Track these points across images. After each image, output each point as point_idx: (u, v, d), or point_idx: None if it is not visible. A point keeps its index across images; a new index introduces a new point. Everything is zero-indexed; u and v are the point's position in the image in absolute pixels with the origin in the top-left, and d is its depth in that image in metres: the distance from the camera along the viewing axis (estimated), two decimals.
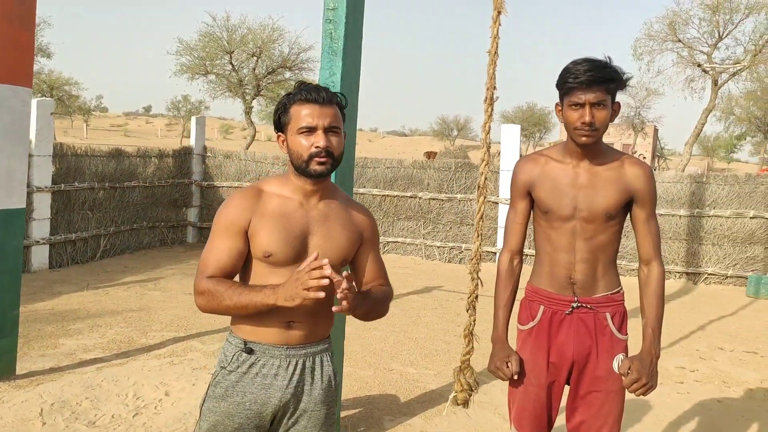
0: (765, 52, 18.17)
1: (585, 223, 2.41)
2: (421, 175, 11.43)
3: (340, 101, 2.08)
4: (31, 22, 4.53)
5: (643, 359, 2.34)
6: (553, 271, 2.48)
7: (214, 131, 76.97)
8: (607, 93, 2.28)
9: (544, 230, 2.51)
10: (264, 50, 21.28)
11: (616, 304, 2.48)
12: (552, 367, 2.48)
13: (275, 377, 2.04)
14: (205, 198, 11.98)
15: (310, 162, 1.99)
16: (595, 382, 2.44)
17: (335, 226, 2.09)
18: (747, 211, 9.97)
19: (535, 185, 2.49)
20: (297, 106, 2.01)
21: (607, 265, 2.46)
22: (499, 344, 2.56)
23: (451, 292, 8.76)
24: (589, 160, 2.41)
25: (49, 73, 40.88)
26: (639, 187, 2.40)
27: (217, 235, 2.03)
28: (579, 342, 2.44)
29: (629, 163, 2.43)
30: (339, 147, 2.03)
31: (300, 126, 1.99)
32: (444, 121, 71.07)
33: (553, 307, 2.48)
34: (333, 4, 3.50)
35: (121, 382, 4.72)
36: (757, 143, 49.38)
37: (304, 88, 2.03)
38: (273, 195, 2.07)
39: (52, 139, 8.86)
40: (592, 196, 2.39)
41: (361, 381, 5.06)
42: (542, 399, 2.49)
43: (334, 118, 2.01)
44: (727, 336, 7.16)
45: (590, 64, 2.27)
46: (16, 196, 4.58)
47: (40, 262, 8.63)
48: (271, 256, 2.00)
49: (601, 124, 2.30)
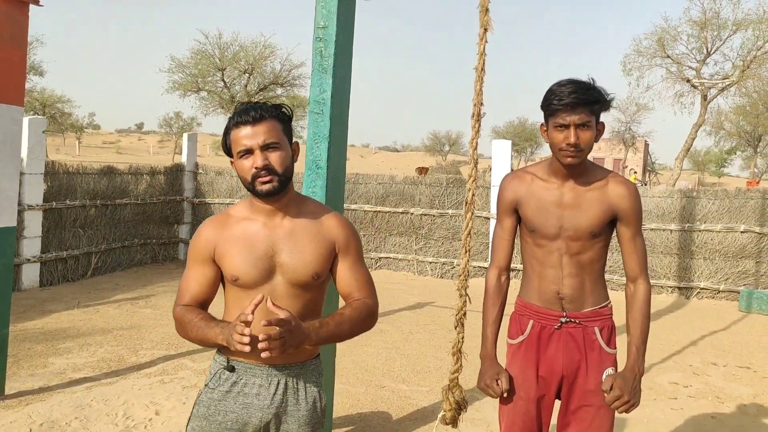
0: (753, 68, 18.38)
1: (571, 241, 2.43)
2: (412, 190, 11.45)
3: (281, 114, 2.05)
4: (23, 41, 4.54)
5: (626, 376, 2.35)
6: (542, 286, 2.49)
7: (206, 147, 76.96)
8: (591, 114, 2.30)
9: (530, 247, 2.54)
10: (256, 67, 21.41)
11: (604, 318, 2.49)
12: (541, 381, 2.49)
13: (256, 396, 2.04)
14: (197, 215, 11.95)
15: (255, 183, 1.99)
16: (586, 396, 2.45)
17: (302, 241, 2.06)
18: (737, 225, 10.02)
19: (522, 203, 2.52)
20: (234, 131, 2.02)
21: (594, 280, 2.48)
22: (488, 361, 2.56)
23: (443, 308, 8.74)
24: (574, 179, 2.44)
25: (41, 91, 40.92)
26: (623, 206, 2.42)
27: (189, 263, 2.11)
28: (568, 356, 2.45)
29: (614, 182, 2.44)
30: (282, 162, 2.00)
31: (238, 150, 2.00)
32: (436, 137, 71.42)
33: (542, 321, 2.49)
34: (323, 22, 3.53)
35: (111, 401, 4.68)
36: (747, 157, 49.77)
37: (237, 111, 2.02)
38: (239, 219, 2.10)
39: (44, 157, 8.83)
40: (577, 216, 2.41)
41: (353, 398, 5.04)
42: (532, 413, 2.49)
43: (270, 134, 1.98)
44: (720, 351, 7.16)
45: (574, 85, 2.30)
46: (6, 215, 4.55)
47: (30, 281, 8.56)
48: (237, 279, 2.02)
49: (585, 145, 2.32)
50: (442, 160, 66.10)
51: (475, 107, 2.89)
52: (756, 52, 18.12)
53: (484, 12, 2.82)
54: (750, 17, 18.17)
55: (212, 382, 2.07)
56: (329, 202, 3.52)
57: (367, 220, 11.47)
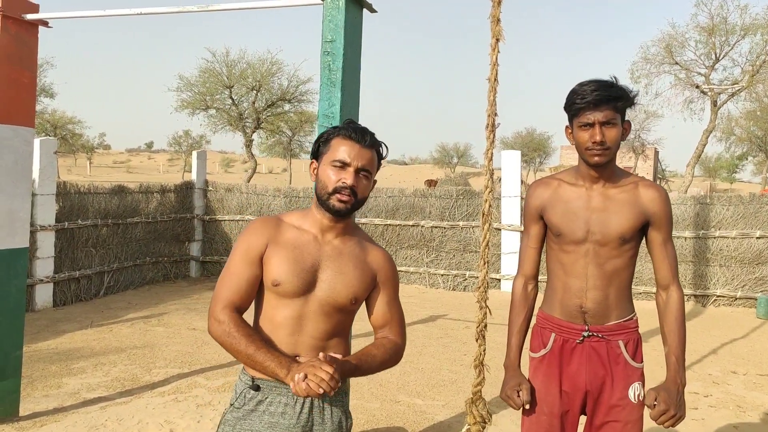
0: (763, 72, 18.28)
1: (598, 246, 2.37)
2: (422, 203, 11.42)
3: (381, 150, 2.09)
4: (33, 62, 4.56)
5: (669, 389, 2.27)
6: (565, 298, 2.43)
7: (215, 165, 77.38)
8: (615, 111, 2.27)
9: (556, 255, 2.47)
10: (263, 84, 21.50)
11: (629, 331, 2.42)
12: (565, 396, 2.43)
13: (282, 415, 2.01)
14: (208, 232, 11.97)
15: (333, 196, 2.00)
16: (611, 412, 2.38)
17: (348, 264, 2.07)
18: (753, 231, 9.91)
19: (547, 209, 2.46)
20: (339, 140, 2.03)
21: (620, 291, 2.41)
22: (511, 371, 2.51)
23: (456, 321, 8.68)
24: (603, 182, 2.38)
25: (52, 113, 41.32)
26: (655, 210, 2.37)
27: (235, 260, 2.05)
28: (592, 371, 2.39)
29: (644, 185, 2.39)
30: (365, 190, 2.04)
31: (335, 158, 2.01)
32: (444, 149, 71.44)
33: (564, 335, 2.44)
34: (331, 36, 3.52)
35: (125, 421, 4.65)
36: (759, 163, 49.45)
37: (351, 126, 2.04)
38: (291, 226, 2.09)
39: (56, 178, 8.88)
40: (606, 219, 2.35)
41: (368, 413, 4.99)
42: (554, 429, 2.43)
43: (369, 162, 2.03)
44: (739, 359, 7.06)
45: (596, 84, 2.27)
46: (18, 236, 4.56)
47: (44, 301, 8.58)
48: (279, 285, 2.00)
49: (612, 143, 2.28)
50: (451, 172, 66.09)
51: (489, 117, 2.86)
52: (765, 57, 18.01)
53: (495, 22, 2.81)
54: (758, 22, 18.09)
55: (237, 401, 2.05)
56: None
57: (377, 234, 11.44)
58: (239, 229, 11.70)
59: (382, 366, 2.08)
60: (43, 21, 4.53)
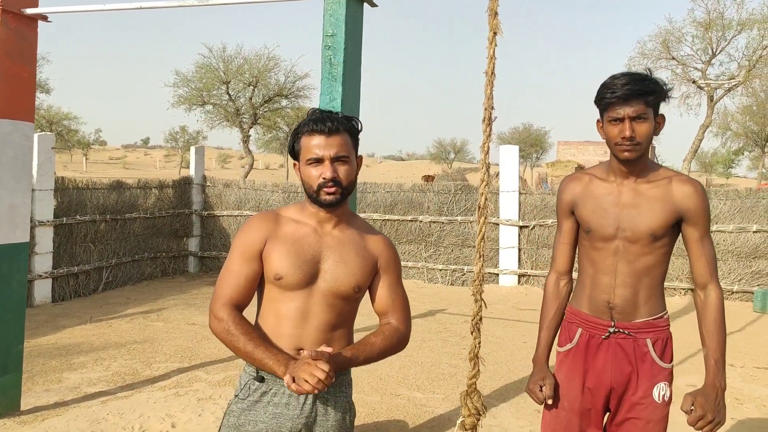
0: (759, 67, 18.32)
1: (628, 243, 2.31)
2: (420, 198, 11.44)
3: (353, 127, 2.08)
4: (32, 57, 4.56)
5: (707, 393, 2.20)
6: (593, 294, 2.40)
7: (212, 161, 77.25)
8: (647, 106, 2.21)
9: (587, 251, 2.44)
10: (260, 79, 21.44)
11: (658, 329, 2.36)
12: (587, 392, 2.39)
13: (286, 406, 2.03)
14: (206, 227, 11.98)
15: (320, 192, 2.02)
16: (633, 409, 2.34)
17: (349, 252, 2.09)
18: (750, 225, 9.96)
19: (578, 204, 2.42)
20: (306, 137, 2.04)
21: (651, 289, 2.35)
22: (538, 366, 2.50)
23: (454, 315, 8.71)
24: (634, 177, 2.32)
25: (48, 109, 41.17)
26: (689, 206, 2.29)
27: (234, 258, 2.06)
28: (617, 368, 2.35)
29: (678, 180, 2.31)
30: (348, 175, 2.04)
31: (308, 157, 2.02)
32: (441, 145, 71.37)
33: (591, 330, 2.40)
34: (332, 30, 3.53)
35: (126, 415, 4.67)
36: (755, 158, 49.51)
37: (312, 119, 2.04)
38: (289, 220, 2.10)
39: (54, 173, 8.87)
40: (636, 216, 2.29)
41: (368, 407, 5.01)
42: (574, 425, 2.40)
43: (342, 148, 2.02)
44: (736, 352, 7.10)
45: (628, 77, 2.22)
46: (19, 231, 4.57)
47: (42, 296, 8.59)
48: (281, 279, 2.02)
49: (642, 139, 2.22)
50: (448, 167, 66.05)
51: (485, 111, 2.87)
52: (761, 52, 18.07)
53: (493, 16, 2.82)
54: (755, 17, 18.15)
55: (242, 392, 2.07)
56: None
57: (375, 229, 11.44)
58: (237, 225, 11.70)
59: (384, 353, 2.08)
60: (43, 15, 4.52)
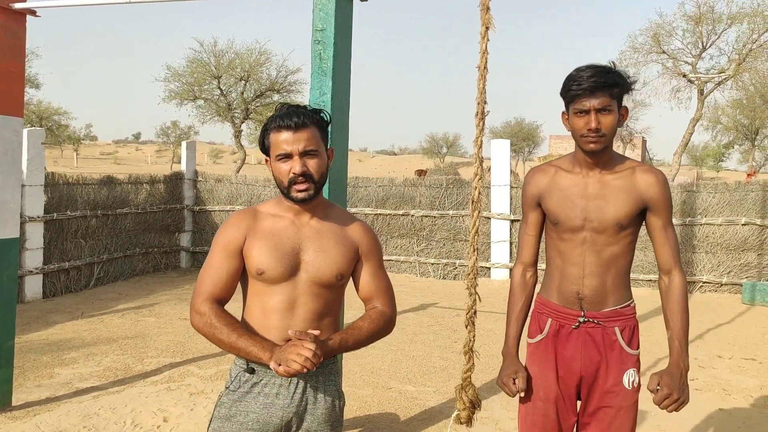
0: (749, 61, 18.40)
1: (595, 234, 2.35)
2: (412, 192, 11.46)
3: (320, 120, 2.09)
4: (21, 52, 4.55)
5: (672, 373, 2.26)
6: (562, 284, 2.43)
7: (204, 156, 76.94)
8: (612, 98, 2.25)
9: (554, 242, 2.46)
10: (252, 74, 21.36)
11: (625, 318, 2.41)
12: (561, 381, 2.43)
13: (276, 396, 2.05)
14: (198, 222, 11.96)
15: (291, 188, 2.04)
16: (605, 397, 2.39)
17: (328, 242, 2.10)
18: (738, 218, 10.03)
19: (544, 196, 2.45)
20: (274, 134, 2.05)
21: (618, 278, 2.39)
22: (509, 359, 2.52)
23: (446, 309, 8.74)
24: (599, 168, 2.37)
25: (38, 104, 40.90)
26: (653, 195, 2.33)
27: (215, 255, 2.08)
28: (587, 357, 2.39)
29: (641, 170, 2.36)
30: (318, 168, 2.05)
31: (277, 153, 2.04)
32: (433, 139, 71.32)
33: (561, 320, 2.44)
34: (321, 24, 3.54)
35: (118, 409, 4.67)
36: (745, 151, 49.77)
37: (278, 115, 2.05)
38: (267, 215, 2.12)
39: (44, 169, 8.84)
40: (603, 206, 2.33)
41: (360, 400, 5.03)
42: (551, 415, 2.44)
43: (310, 141, 2.03)
44: (725, 344, 7.17)
45: (593, 70, 2.25)
46: (9, 226, 4.56)
47: (33, 292, 8.56)
48: (263, 273, 2.04)
49: (607, 130, 2.26)
50: (440, 162, 66.13)
51: (478, 105, 2.90)
52: (751, 45, 18.15)
53: (485, 10, 2.84)
54: (744, 11, 18.19)
55: (233, 384, 2.09)
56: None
57: (367, 223, 11.45)
58: None
59: (372, 337, 2.10)
60: (31, 10, 4.51)
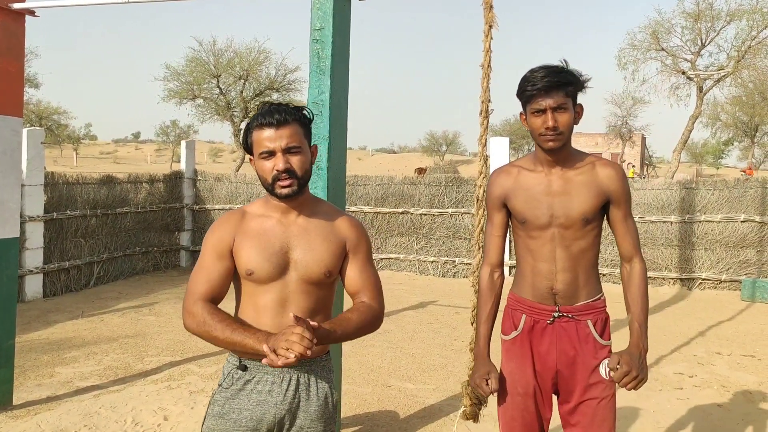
0: (748, 58, 18.41)
1: (563, 229, 2.41)
2: (412, 191, 11.47)
3: (303, 117, 2.10)
4: (20, 52, 4.55)
5: (632, 352, 2.32)
6: (535, 281, 2.47)
7: (204, 155, 76.94)
8: (566, 96, 2.31)
9: (523, 241, 2.51)
10: (251, 73, 21.36)
11: (597, 310, 2.47)
12: (538, 375, 2.48)
13: (269, 393, 2.06)
14: (197, 221, 11.96)
15: (274, 185, 2.04)
16: (586, 391, 2.43)
17: (316, 239, 2.11)
18: (737, 215, 10.04)
19: (510, 197, 2.50)
20: (256, 132, 2.05)
21: (588, 271, 2.46)
22: (480, 359, 2.55)
23: (446, 307, 8.75)
24: (561, 166, 2.43)
25: (37, 103, 40.92)
26: (613, 188, 2.41)
27: (205, 256, 2.10)
28: (562, 351, 2.44)
29: (600, 165, 2.44)
30: (302, 165, 2.06)
31: (260, 150, 2.04)
32: (433, 137, 71.31)
33: (535, 316, 2.48)
34: (320, 23, 3.54)
35: (119, 408, 4.69)
36: (745, 148, 49.80)
37: (260, 113, 2.06)
38: (254, 215, 2.14)
39: (43, 168, 8.85)
40: (568, 202, 2.40)
41: (359, 398, 5.05)
42: (531, 408, 2.48)
43: (292, 138, 2.04)
44: (724, 340, 7.18)
45: (546, 70, 2.31)
46: (9, 226, 4.57)
47: (33, 292, 8.57)
48: (253, 273, 2.05)
49: (564, 128, 2.32)
50: (440, 160, 66.05)
51: (482, 104, 2.91)
52: (750, 42, 18.15)
53: (488, 9, 2.85)
54: (743, 7, 18.20)
55: (226, 381, 2.10)
56: (330, 203, 3.53)
57: (367, 222, 11.48)
58: None
59: (359, 330, 2.08)
60: (30, 10, 4.51)
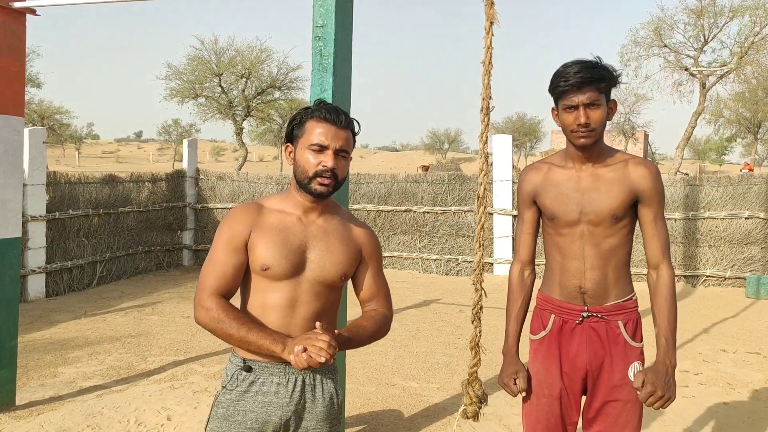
0: (751, 54, 18.34)
1: (592, 226, 2.35)
2: (414, 188, 11.44)
3: (355, 128, 2.10)
4: (21, 52, 4.54)
5: (658, 370, 2.24)
6: (563, 280, 2.42)
7: (206, 154, 76.90)
8: (599, 92, 2.26)
9: (552, 238, 2.47)
10: (253, 71, 21.35)
11: (628, 311, 2.40)
12: (565, 377, 2.43)
13: (275, 395, 2.04)
14: (200, 220, 11.96)
15: (314, 180, 2.01)
16: (612, 392, 2.38)
17: (334, 242, 2.10)
18: (742, 211, 10.00)
19: (539, 193, 2.46)
20: (313, 122, 2.02)
21: (618, 270, 2.39)
22: (509, 358, 2.51)
23: (449, 305, 8.73)
24: (591, 162, 2.38)
25: (39, 103, 40.96)
26: (644, 186, 2.33)
27: (218, 249, 2.04)
28: (591, 352, 2.39)
29: (633, 163, 2.37)
30: (344, 171, 2.06)
31: (312, 142, 2.01)
32: (435, 135, 71.24)
33: (564, 316, 2.43)
34: (322, 21, 3.52)
35: (122, 408, 4.67)
36: (747, 144, 49.69)
37: (324, 107, 2.04)
38: (273, 210, 2.09)
39: (45, 168, 8.84)
40: (597, 199, 2.34)
41: (363, 397, 5.03)
42: (556, 411, 2.43)
43: (346, 143, 2.04)
44: (729, 338, 7.15)
45: (580, 65, 2.26)
46: (11, 226, 4.55)
47: (36, 291, 8.57)
48: (268, 269, 2.01)
49: (597, 124, 2.27)
50: (442, 157, 66.00)
51: (483, 101, 2.89)
52: (753, 38, 18.08)
53: (489, 5, 2.83)
54: (746, 3, 18.12)
55: (230, 383, 2.06)
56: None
57: (370, 220, 11.46)
58: None
59: (373, 337, 2.12)
60: (31, 9, 4.50)
